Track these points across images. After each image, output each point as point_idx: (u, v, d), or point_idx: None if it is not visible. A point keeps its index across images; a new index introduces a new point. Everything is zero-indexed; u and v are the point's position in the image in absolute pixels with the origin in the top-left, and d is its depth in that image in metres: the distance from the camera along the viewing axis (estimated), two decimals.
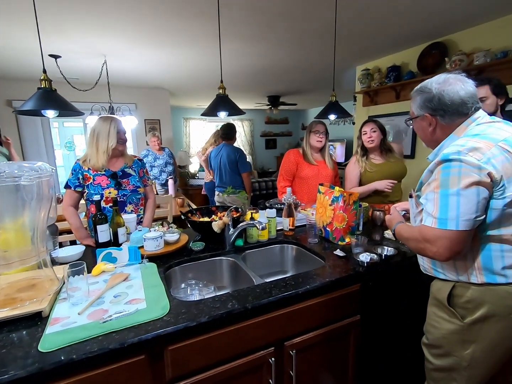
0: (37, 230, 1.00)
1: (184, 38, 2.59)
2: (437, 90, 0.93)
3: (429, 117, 0.96)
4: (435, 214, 0.86)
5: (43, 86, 1.41)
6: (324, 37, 2.59)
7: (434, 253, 0.87)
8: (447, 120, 0.94)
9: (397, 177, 2.03)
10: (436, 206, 0.86)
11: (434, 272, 1.01)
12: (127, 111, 3.90)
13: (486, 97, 1.63)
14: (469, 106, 0.92)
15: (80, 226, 1.67)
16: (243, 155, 3.14)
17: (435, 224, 0.86)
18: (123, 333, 0.83)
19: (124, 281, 1.13)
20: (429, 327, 1.04)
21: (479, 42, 2.38)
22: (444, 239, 0.85)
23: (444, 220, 0.84)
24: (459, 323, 0.93)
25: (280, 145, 8.61)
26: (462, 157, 0.82)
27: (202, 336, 0.91)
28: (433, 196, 0.87)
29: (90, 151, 1.68)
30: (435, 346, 1.01)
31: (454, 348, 0.95)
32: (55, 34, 2.40)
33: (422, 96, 0.97)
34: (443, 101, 0.92)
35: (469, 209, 0.82)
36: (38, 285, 1.04)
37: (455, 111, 0.92)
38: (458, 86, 0.91)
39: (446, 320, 0.96)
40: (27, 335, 0.83)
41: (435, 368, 1.02)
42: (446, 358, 0.97)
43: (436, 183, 0.87)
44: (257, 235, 1.56)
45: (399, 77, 3.00)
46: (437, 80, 0.95)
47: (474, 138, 0.87)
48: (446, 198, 0.84)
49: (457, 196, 0.82)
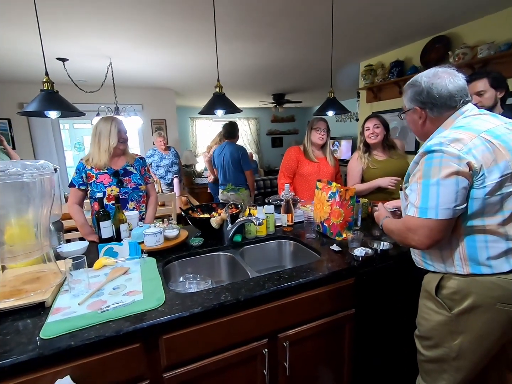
0: (40, 225, 1.05)
1: (187, 38, 2.63)
2: (426, 84, 0.94)
3: (419, 110, 0.99)
4: (416, 204, 0.89)
5: (45, 88, 1.47)
6: (324, 34, 2.58)
7: (416, 242, 0.90)
8: (435, 113, 0.96)
9: (400, 174, 2.00)
10: (418, 196, 0.88)
11: (424, 265, 1.03)
12: (132, 112, 3.98)
13: (484, 91, 1.60)
14: (457, 99, 0.93)
15: (85, 223, 1.73)
16: (246, 153, 3.16)
17: (416, 213, 0.88)
18: (119, 322, 0.87)
19: (124, 274, 1.18)
20: (420, 319, 1.05)
21: (483, 35, 2.33)
22: (424, 228, 0.87)
23: (424, 209, 0.86)
24: (447, 314, 0.94)
25: (287, 143, 8.59)
26: (443, 148, 0.85)
27: (195, 326, 0.94)
28: (416, 187, 0.90)
29: (92, 150, 1.74)
30: (426, 338, 1.02)
31: (444, 339, 0.96)
32: (63, 38, 2.48)
33: (413, 90, 0.99)
34: (432, 94, 0.94)
35: (448, 199, 0.84)
36: (43, 278, 1.10)
37: (443, 104, 0.94)
38: (447, 80, 0.93)
39: (435, 311, 0.98)
40: (30, 323, 0.88)
41: (427, 359, 1.03)
42: (436, 349, 0.99)
43: (419, 173, 0.90)
44: (255, 231, 1.59)
45: (402, 72, 2.97)
46: (427, 74, 0.97)
47: (458, 130, 0.89)
48: (427, 188, 0.86)
49: (437, 186, 0.84)
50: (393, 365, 1.44)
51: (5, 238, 1.02)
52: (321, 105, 2.22)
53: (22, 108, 4.14)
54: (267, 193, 4.62)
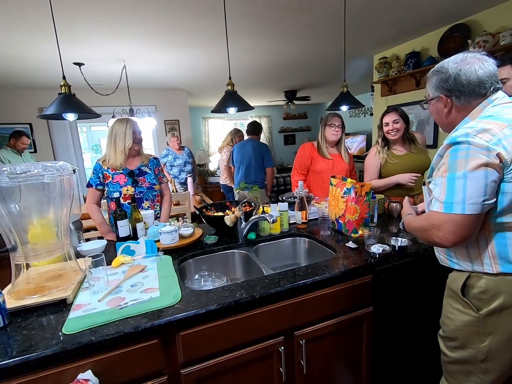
0: (61, 224, 1.08)
1: (198, 38, 2.64)
2: (454, 70, 0.88)
3: (444, 98, 0.92)
4: (441, 199, 0.84)
5: (62, 91, 1.52)
6: (335, 28, 2.53)
7: (440, 238, 0.85)
8: (462, 102, 0.90)
9: (420, 169, 1.93)
10: (443, 191, 0.84)
11: (449, 263, 0.98)
12: (146, 113, 4.05)
13: (507, 78, 1.52)
14: (487, 86, 0.86)
15: (103, 221, 1.78)
16: (269, 149, 3.18)
17: (441, 208, 0.84)
18: (137, 319, 0.88)
19: (141, 272, 1.20)
20: (444, 319, 1.01)
21: (505, 21, 2.22)
22: (449, 223, 0.82)
23: (450, 204, 0.82)
24: (475, 314, 0.90)
25: (299, 140, 8.51)
26: (470, 139, 0.79)
27: (211, 323, 0.95)
28: (441, 181, 0.85)
29: (109, 151, 1.78)
30: (451, 339, 0.97)
31: (470, 341, 0.92)
32: (78, 43, 2.54)
33: (438, 77, 0.93)
34: (459, 81, 0.87)
35: (476, 192, 0.78)
36: (64, 275, 1.14)
37: (472, 91, 0.87)
38: (476, 65, 0.86)
39: (461, 311, 0.93)
40: (53, 319, 0.91)
41: (451, 360, 0.99)
42: (462, 351, 0.94)
43: (444, 167, 0.85)
44: (269, 228, 1.58)
45: (418, 63, 2.87)
46: (455, 59, 0.90)
47: (486, 120, 0.83)
48: (452, 181, 0.82)
49: (463, 179, 0.79)
50: (412, 365, 1.40)
51: (28, 237, 1.06)
52: (335, 99, 2.17)
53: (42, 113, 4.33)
54: (280, 191, 4.60)
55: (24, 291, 1.02)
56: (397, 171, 1.93)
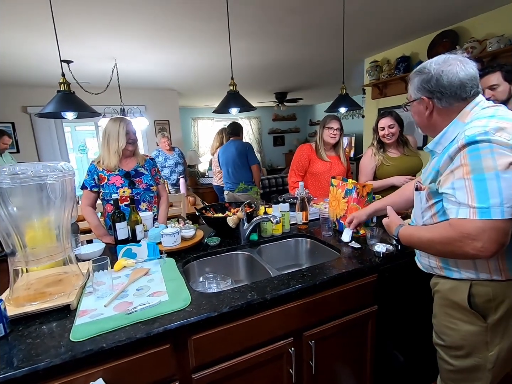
0: (62, 227, 1.04)
1: (192, 38, 2.62)
2: (436, 71, 0.85)
3: (426, 100, 0.89)
4: (472, 203, 0.74)
5: (62, 89, 1.46)
6: (331, 30, 2.57)
7: (479, 250, 0.74)
8: (444, 104, 0.87)
9: (413, 171, 1.99)
10: (471, 194, 0.75)
11: (445, 272, 0.92)
12: (138, 113, 3.97)
13: (497, 84, 1.59)
14: (468, 89, 0.84)
15: (99, 224, 1.73)
16: (252, 147, 3.18)
17: (475, 214, 0.74)
18: (148, 323, 0.86)
19: (145, 275, 1.17)
20: (444, 328, 0.96)
21: (492, 28, 2.32)
22: (490, 231, 0.73)
23: (486, 209, 0.73)
24: (482, 324, 0.86)
25: (288, 141, 8.58)
26: (490, 137, 0.74)
27: (223, 326, 0.94)
28: (464, 183, 0.76)
29: (103, 152, 1.73)
30: (455, 348, 0.93)
31: (477, 350, 0.89)
32: (67, 40, 2.46)
33: (420, 77, 0.90)
34: (441, 82, 0.85)
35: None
36: (65, 280, 1.09)
37: (453, 93, 0.85)
38: (458, 67, 0.84)
39: (465, 321, 0.89)
40: (58, 326, 0.87)
41: (456, 369, 0.95)
42: (468, 359, 0.91)
43: (465, 168, 0.76)
44: (271, 229, 1.58)
45: (409, 67, 2.96)
46: (437, 60, 0.88)
47: (493, 119, 0.78)
48: (483, 183, 0.73)
49: (496, 179, 0.72)
50: (416, 363, 1.43)
51: (26, 241, 1.01)
52: (333, 101, 2.20)
53: (26, 111, 4.16)
54: (271, 192, 4.60)
55: (23, 298, 0.97)
56: (392, 173, 1.98)
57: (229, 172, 3.22)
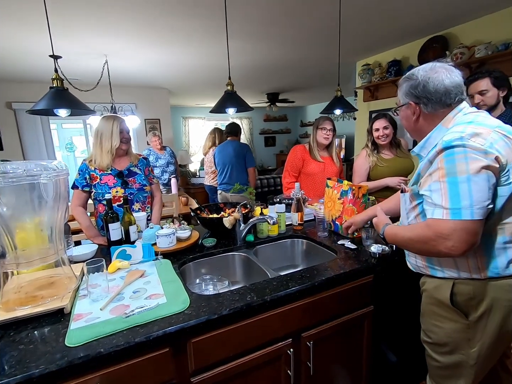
0: (55, 228, 1.00)
1: (186, 37, 2.59)
2: (423, 78, 0.90)
3: (413, 105, 0.93)
4: (445, 205, 0.79)
5: (55, 85, 1.41)
6: (326, 33, 2.60)
7: (450, 248, 0.79)
8: (429, 109, 0.91)
9: (405, 172, 2.03)
10: (444, 196, 0.80)
11: (430, 271, 0.96)
12: (129, 111, 3.89)
13: (486, 90, 1.64)
14: (453, 96, 0.89)
15: (90, 225, 1.68)
16: (250, 150, 3.17)
17: (447, 215, 0.79)
18: (147, 327, 0.84)
19: (141, 277, 1.14)
20: (430, 326, 1.00)
21: (480, 35, 2.39)
22: (460, 231, 0.77)
23: (458, 210, 0.77)
24: (464, 321, 0.90)
25: (279, 142, 8.62)
26: (465, 143, 0.78)
27: (223, 328, 0.93)
28: (439, 186, 0.81)
29: (95, 151, 1.69)
30: (440, 345, 0.97)
31: (460, 347, 0.93)
32: (56, 35, 2.38)
33: (408, 83, 0.94)
34: (428, 88, 0.89)
35: (482, 196, 0.77)
36: (57, 283, 1.05)
37: (438, 100, 0.89)
38: (443, 75, 0.89)
39: (448, 319, 0.93)
40: (51, 331, 0.84)
41: (442, 366, 0.99)
42: (453, 355, 0.95)
43: (441, 171, 0.81)
44: (267, 230, 1.57)
45: (400, 71, 3.02)
46: (424, 67, 0.93)
47: (471, 125, 0.83)
48: (455, 185, 0.78)
49: (467, 182, 0.77)
50: (409, 361, 1.45)
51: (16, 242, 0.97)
52: (329, 103, 2.22)
53: (10, 107, 4.01)
54: (264, 193, 4.61)
55: (14, 302, 0.93)
56: (385, 174, 2.01)
57: (224, 172, 3.18)
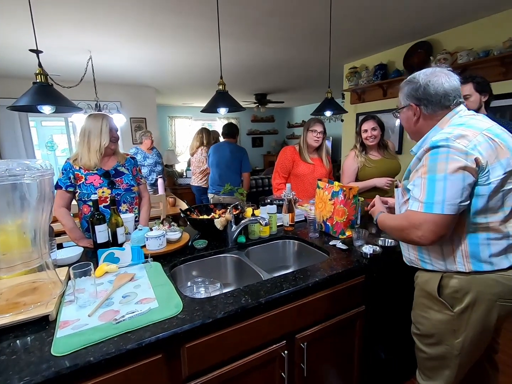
0: (39, 231, 0.95)
1: (174, 35, 2.54)
2: (424, 81, 0.96)
3: (414, 107, 1.00)
4: (421, 199, 0.88)
5: (39, 80, 1.34)
6: (316, 35, 2.62)
7: (419, 237, 0.88)
8: (429, 111, 0.97)
9: (392, 173, 2.08)
10: (423, 191, 0.88)
11: (421, 264, 1.02)
12: (115, 109, 3.79)
13: (469, 95, 1.70)
14: (451, 99, 0.95)
15: (74, 226, 1.62)
16: (247, 154, 3.12)
17: (421, 208, 0.87)
18: (139, 333, 0.81)
19: (130, 281, 1.11)
20: (419, 318, 1.05)
21: (462, 42, 2.48)
22: (429, 223, 0.86)
23: (430, 204, 0.86)
24: (450, 313, 0.95)
25: (267, 143, 8.63)
26: (450, 143, 0.85)
27: (217, 332, 0.91)
28: (420, 182, 0.89)
29: (81, 150, 1.62)
30: (427, 336, 1.02)
31: (445, 337, 0.97)
32: (37, 28, 2.28)
33: (410, 86, 1.01)
34: (428, 91, 0.95)
35: (455, 194, 0.84)
36: (40, 288, 1.00)
37: (438, 102, 0.95)
38: (443, 79, 0.95)
39: (436, 310, 0.98)
40: (36, 340, 0.80)
41: (429, 357, 1.03)
42: (439, 347, 0.99)
43: (424, 168, 0.89)
44: (259, 231, 1.56)
45: (386, 75, 3.08)
46: (425, 72, 0.99)
47: (460, 127, 0.89)
48: (433, 182, 0.86)
49: (443, 180, 0.84)
50: (398, 358, 1.48)
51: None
52: (319, 105, 2.24)
53: None
54: (252, 194, 4.60)
55: None
56: (373, 174, 2.05)
57: (218, 174, 3.11)
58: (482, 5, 2.14)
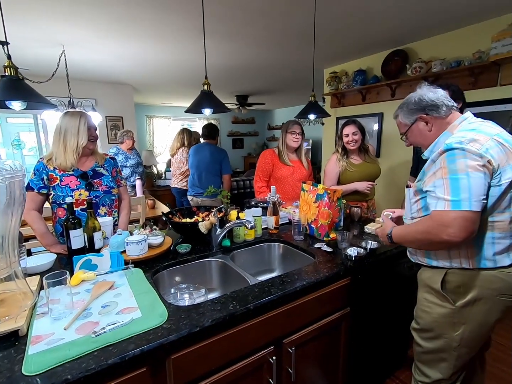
0: (7, 238, 0.87)
1: (155, 31, 2.46)
2: (416, 95, 1.06)
3: (424, 116, 1.04)
4: (447, 197, 0.89)
5: (8, 73, 1.23)
6: (300, 39, 2.64)
7: (451, 235, 0.87)
8: (438, 113, 1.02)
9: (373, 177, 2.13)
10: (447, 190, 0.89)
11: (427, 261, 1.06)
12: (89, 107, 3.61)
13: None
14: (449, 100, 1.03)
15: (46, 231, 1.51)
16: (227, 156, 3.08)
17: (449, 206, 0.88)
18: (121, 346, 0.76)
19: (110, 289, 1.04)
20: (420, 312, 1.10)
21: (436, 52, 2.61)
22: (459, 219, 0.86)
23: (458, 201, 0.87)
24: (451, 306, 1.00)
25: (247, 144, 8.62)
26: (464, 146, 0.89)
27: (204, 341, 0.87)
28: (442, 182, 0.91)
29: (56, 149, 1.52)
30: (426, 330, 1.07)
31: (445, 331, 1.02)
32: (5, 16, 2.12)
33: (407, 106, 1.07)
34: (425, 99, 1.03)
35: (479, 191, 0.86)
36: (8, 300, 0.92)
37: (441, 102, 1.01)
38: (431, 93, 1.04)
39: (437, 304, 1.03)
40: (4, 358, 0.73)
41: (426, 351, 1.09)
42: (437, 340, 1.05)
43: (444, 170, 0.91)
44: (244, 234, 1.54)
45: (365, 80, 3.17)
46: (412, 93, 1.09)
47: (472, 132, 0.94)
48: (456, 181, 0.88)
49: (467, 178, 0.87)
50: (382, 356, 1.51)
51: None
52: (303, 108, 2.26)
53: None
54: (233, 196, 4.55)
55: None
56: (355, 178, 2.09)
57: (198, 176, 3.05)
58: (454, 18, 2.26)
